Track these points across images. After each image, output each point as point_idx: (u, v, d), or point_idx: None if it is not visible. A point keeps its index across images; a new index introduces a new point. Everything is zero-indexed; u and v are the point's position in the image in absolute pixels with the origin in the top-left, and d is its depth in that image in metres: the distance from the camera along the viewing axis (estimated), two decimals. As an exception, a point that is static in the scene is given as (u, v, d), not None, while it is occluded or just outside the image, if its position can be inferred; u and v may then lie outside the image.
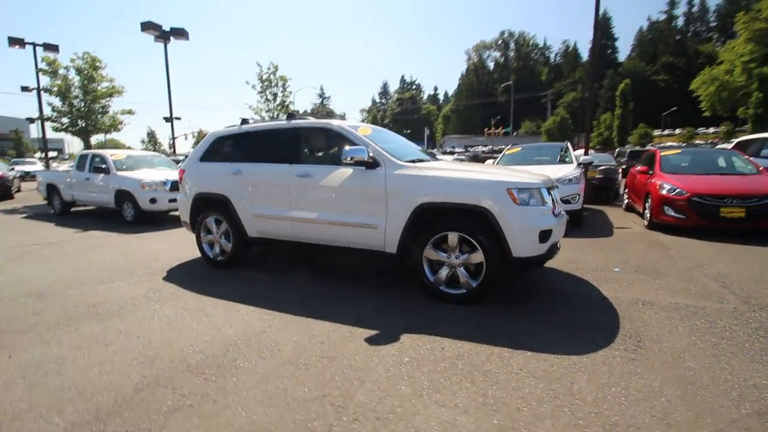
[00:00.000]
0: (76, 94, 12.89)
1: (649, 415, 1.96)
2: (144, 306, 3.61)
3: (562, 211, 3.77)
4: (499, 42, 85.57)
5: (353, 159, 3.67)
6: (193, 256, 5.40)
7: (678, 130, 58.04)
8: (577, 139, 34.69)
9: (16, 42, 15.61)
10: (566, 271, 4.43)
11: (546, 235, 3.31)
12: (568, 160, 8.01)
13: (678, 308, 3.34)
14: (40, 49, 15.10)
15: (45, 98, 13.42)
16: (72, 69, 13.18)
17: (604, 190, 10.48)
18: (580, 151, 12.14)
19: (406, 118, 73.19)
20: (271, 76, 19.90)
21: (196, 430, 1.90)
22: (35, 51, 15.35)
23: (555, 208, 3.55)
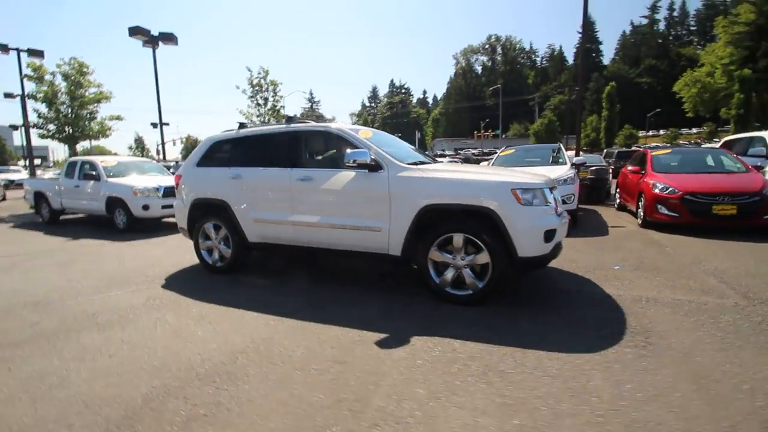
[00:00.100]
0: (63, 100, 12.64)
1: (666, 411, 1.98)
2: (145, 315, 3.53)
3: (564, 211, 3.81)
4: (487, 46, 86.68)
5: (356, 162, 3.65)
6: (191, 263, 5.31)
7: (662, 131, 59.37)
8: (566, 140, 35.20)
9: (-1, 47, 15.26)
10: (567, 270, 4.47)
11: (551, 235, 3.33)
12: (561, 161, 8.10)
13: (681, 304, 3.38)
14: (25, 54, 14.76)
15: (30, 105, 13.16)
16: (59, 75, 12.94)
17: (596, 190, 10.63)
18: (571, 153, 12.30)
19: (396, 122, 73.53)
20: (262, 81, 19.85)
21: (213, 440, 1.86)
22: (19, 57, 15.00)
23: (557, 208, 3.59)
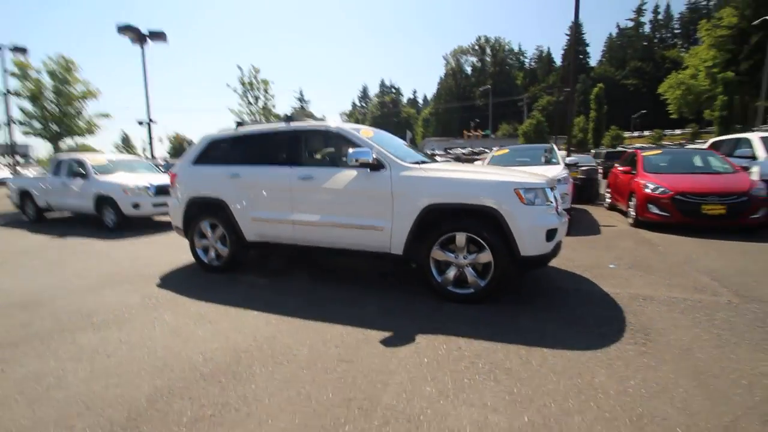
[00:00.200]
0: (49, 97, 12.30)
1: (670, 406, 2.02)
2: (142, 314, 3.46)
3: (563, 211, 3.85)
4: (476, 47, 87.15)
5: (358, 161, 3.64)
6: (185, 262, 5.23)
7: (647, 132, 60.49)
8: (554, 141, 35.62)
9: (-20, 44, 14.75)
10: (564, 269, 4.52)
11: (552, 234, 3.37)
12: (554, 161, 8.19)
13: (677, 302, 3.45)
14: (8, 51, 14.34)
15: (14, 102, 12.78)
16: (44, 71, 12.60)
17: (587, 189, 10.79)
18: (563, 152, 12.46)
19: (386, 122, 73.46)
20: (253, 80, 19.64)
21: (223, 441, 1.83)
22: (2, 53, 14.58)
23: (558, 208, 3.63)
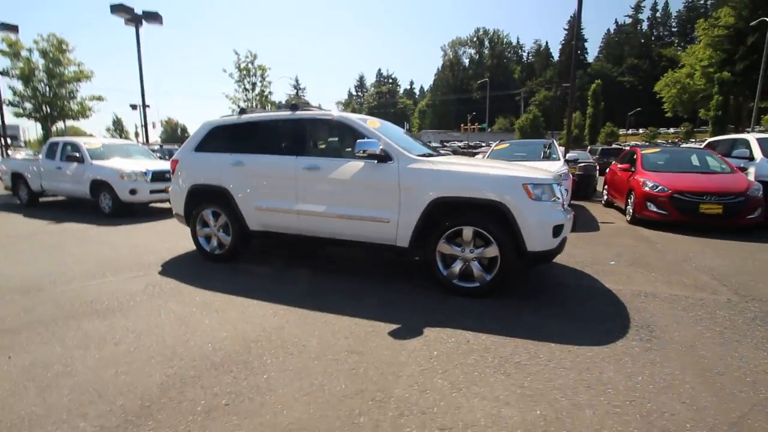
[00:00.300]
0: (41, 77, 11.98)
1: (678, 402, 2.06)
2: (146, 302, 3.44)
3: (569, 207, 3.88)
4: (474, 39, 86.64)
5: (365, 152, 3.61)
6: (185, 249, 5.19)
7: (641, 130, 60.92)
8: (551, 136, 35.71)
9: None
10: (565, 264, 4.57)
11: (559, 230, 3.39)
12: (554, 156, 8.21)
13: (678, 299, 3.51)
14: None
15: (4, 82, 12.43)
16: (36, 51, 12.26)
17: (584, 186, 10.87)
18: (561, 149, 12.50)
19: (383, 112, 72.97)
20: (250, 65, 19.34)
21: (239, 431, 1.83)
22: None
23: (564, 204, 3.65)
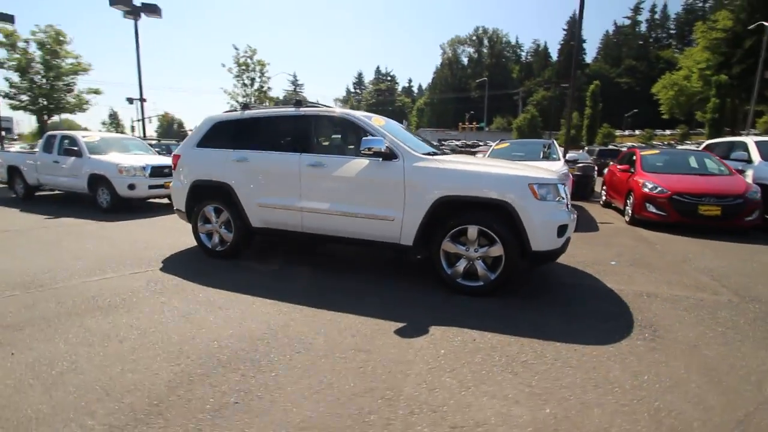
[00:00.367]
0: (38, 69, 11.83)
1: (685, 401, 2.08)
2: (149, 299, 3.41)
3: (573, 207, 3.89)
4: (474, 38, 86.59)
5: (371, 150, 3.60)
6: (186, 246, 5.17)
7: (638, 131, 61.22)
8: (548, 136, 35.83)
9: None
10: (567, 264, 4.58)
11: (563, 230, 3.41)
12: (554, 156, 8.24)
13: (680, 300, 3.54)
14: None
15: (1, 73, 12.25)
16: (33, 42, 12.09)
17: (582, 186, 10.91)
18: (560, 149, 12.54)
19: (381, 110, 72.85)
20: (248, 60, 19.22)
21: (250, 429, 1.83)
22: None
23: (568, 204, 3.66)
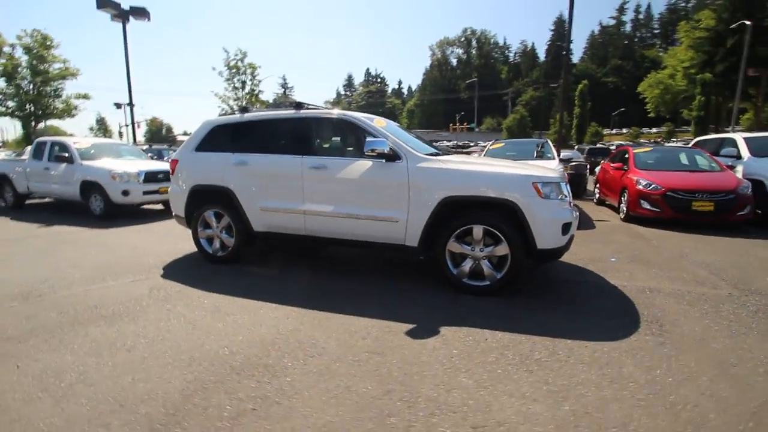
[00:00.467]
0: (24, 75, 11.60)
1: (698, 394, 2.11)
2: (153, 306, 3.36)
3: (575, 205, 3.93)
4: (462, 39, 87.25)
5: (374, 151, 3.60)
6: (185, 252, 5.10)
7: (625, 130, 62.19)
8: (538, 136, 36.19)
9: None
10: (568, 262, 4.63)
11: (567, 227, 3.44)
12: (549, 155, 8.32)
13: (682, 294, 3.59)
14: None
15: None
16: (19, 47, 11.86)
17: (575, 185, 11.03)
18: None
19: (371, 112, 72.78)
20: (239, 63, 19.10)
21: (271, 435, 1.81)
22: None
23: (570, 202, 3.69)
